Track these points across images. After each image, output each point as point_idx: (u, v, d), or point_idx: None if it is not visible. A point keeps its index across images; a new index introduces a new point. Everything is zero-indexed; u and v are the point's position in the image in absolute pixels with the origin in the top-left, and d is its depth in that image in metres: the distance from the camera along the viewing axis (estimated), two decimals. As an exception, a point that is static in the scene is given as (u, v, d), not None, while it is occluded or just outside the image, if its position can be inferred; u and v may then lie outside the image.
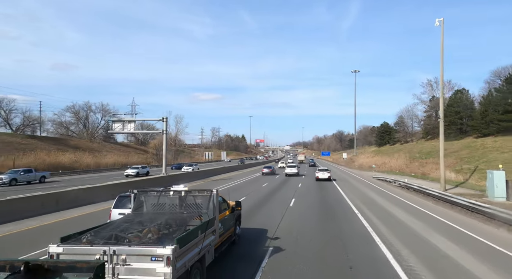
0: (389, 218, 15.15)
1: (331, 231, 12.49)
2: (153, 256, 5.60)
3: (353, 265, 8.49)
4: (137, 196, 8.78)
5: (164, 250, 5.56)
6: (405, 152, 62.32)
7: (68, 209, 17.35)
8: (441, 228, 12.89)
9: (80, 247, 5.88)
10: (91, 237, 6.39)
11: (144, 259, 5.64)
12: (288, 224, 13.67)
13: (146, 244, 5.97)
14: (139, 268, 5.61)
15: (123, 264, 5.64)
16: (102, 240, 6.14)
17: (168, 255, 5.52)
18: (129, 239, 6.30)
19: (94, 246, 5.82)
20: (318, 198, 22.48)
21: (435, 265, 8.52)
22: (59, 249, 5.80)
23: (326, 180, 36.83)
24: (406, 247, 10.18)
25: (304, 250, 9.86)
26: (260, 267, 8.37)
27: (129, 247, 5.76)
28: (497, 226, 12.82)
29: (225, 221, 9.46)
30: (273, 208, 17.88)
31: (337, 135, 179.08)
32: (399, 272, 7.94)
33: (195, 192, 8.77)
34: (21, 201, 15.95)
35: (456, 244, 10.51)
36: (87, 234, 6.55)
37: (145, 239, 6.29)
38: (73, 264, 3.99)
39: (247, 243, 10.79)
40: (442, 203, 18.83)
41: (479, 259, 8.96)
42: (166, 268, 5.50)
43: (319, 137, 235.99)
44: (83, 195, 19.70)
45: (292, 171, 43.63)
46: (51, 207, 16.88)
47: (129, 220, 7.56)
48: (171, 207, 8.44)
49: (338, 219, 14.91)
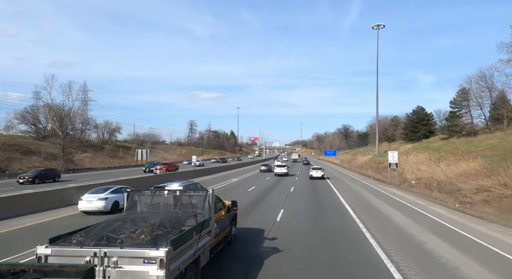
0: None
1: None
2: (146, 259, 5.37)
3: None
4: (131, 195, 8.54)
5: (157, 252, 5.34)
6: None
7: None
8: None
9: (69, 249, 5.63)
10: (81, 238, 6.14)
11: (136, 261, 5.41)
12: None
13: (138, 246, 5.73)
14: (131, 271, 5.38)
15: (115, 267, 5.40)
16: (92, 241, 5.90)
17: (162, 257, 5.30)
18: (121, 240, 6.06)
19: (85, 248, 5.57)
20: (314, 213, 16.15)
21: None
22: (47, 250, 5.55)
23: (320, 178, 36.30)
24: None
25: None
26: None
27: (121, 249, 5.52)
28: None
29: (220, 221, 9.26)
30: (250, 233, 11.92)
31: (342, 132, 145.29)
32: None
33: (191, 191, 8.55)
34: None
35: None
36: (77, 234, 6.31)
37: (138, 240, 6.05)
38: (60, 268, 3.78)
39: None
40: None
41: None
42: (159, 271, 5.28)
43: (320, 134, 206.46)
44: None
45: (282, 170, 41.14)
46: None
47: (121, 220, 7.30)
48: (165, 206, 8.21)
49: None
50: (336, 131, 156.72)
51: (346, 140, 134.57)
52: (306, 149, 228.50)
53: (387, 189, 27.54)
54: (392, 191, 25.79)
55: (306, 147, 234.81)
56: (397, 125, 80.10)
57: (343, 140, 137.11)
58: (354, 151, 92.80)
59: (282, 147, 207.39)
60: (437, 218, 15.19)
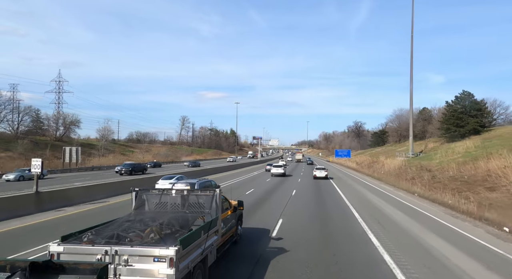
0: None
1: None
2: (156, 257, 5.48)
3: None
4: (139, 194, 8.67)
5: (167, 251, 5.45)
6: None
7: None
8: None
9: (81, 247, 5.76)
10: (92, 236, 6.27)
11: (146, 260, 5.52)
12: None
13: (148, 245, 5.84)
14: (141, 269, 5.49)
15: (125, 265, 5.52)
16: (103, 240, 6.02)
17: (171, 256, 5.41)
18: (131, 238, 6.18)
19: (96, 246, 5.70)
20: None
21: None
22: (59, 248, 5.68)
23: (323, 178, 35.89)
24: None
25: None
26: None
27: (132, 247, 5.64)
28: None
29: (227, 220, 9.35)
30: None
31: (353, 130, 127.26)
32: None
33: (198, 191, 8.66)
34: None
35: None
36: (88, 232, 6.44)
37: (147, 239, 6.17)
38: (76, 266, 3.88)
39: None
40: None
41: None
42: (169, 269, 5.39)
43: (327, 133, 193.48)
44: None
45: (278, 171, 40.66)
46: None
47: (130, 219, 7.44)
48: (173, 206, 8.34)
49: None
50: (345, 130, 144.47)
51: (358, 139, 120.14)
52: (312, 149, 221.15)
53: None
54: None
55: (313, 147, 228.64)
56: (427, 120, 65.56)
57: (354, 139, 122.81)
58: (370, 152, 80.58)
59: (287, 147, 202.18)
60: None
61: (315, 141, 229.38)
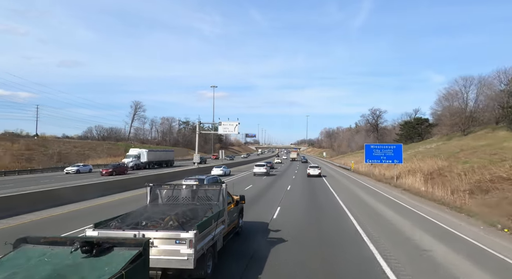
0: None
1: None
2: (177, 239, 6.53)
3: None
4: (153, 189, 9.73)
5: (187, 234, 6.50)
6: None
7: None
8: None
9: (113, 231, 6.78)
10: (118, 224, 7.30)
11: (169, 242, 6.56)
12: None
13: (170, 229, 6.89)
14: (165, 249, 6.54)
15: (151, 246, 6.55)
16: (129, 226, 7.05)
17: (191, 238, 6.46)
18: (153, 225, 7.22)
19: (126, 230, 6.72)
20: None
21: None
22: (94, 232, 6.70)
23: (316, 176, 37.30)
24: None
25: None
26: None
27: (156, 231, 6.69)
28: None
29: (230, 213, 10.42)
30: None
31: (370, 121, 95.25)
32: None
33: (206, 186, 9.74)
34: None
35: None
36: (114, 220, 7.47)
37: (167, 226, 7.22)
38: (123, 240, 4.92)
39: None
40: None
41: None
42: (189, 249, 6.44)
43: (330, 130, 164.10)
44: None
45: (261, 170, 40.48)
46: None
47: (148, 210, 8.51)
48: (184, 199, 9.41)
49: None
50: (351, 126, 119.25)
51: (376, 133, 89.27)
52: (313, 148, 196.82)
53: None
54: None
55: (313, 146, 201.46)
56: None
57: (370, 134, 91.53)
58: (410, 151, 47.01)
59: (286, 146, 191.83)
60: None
61: (316, 139, 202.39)
